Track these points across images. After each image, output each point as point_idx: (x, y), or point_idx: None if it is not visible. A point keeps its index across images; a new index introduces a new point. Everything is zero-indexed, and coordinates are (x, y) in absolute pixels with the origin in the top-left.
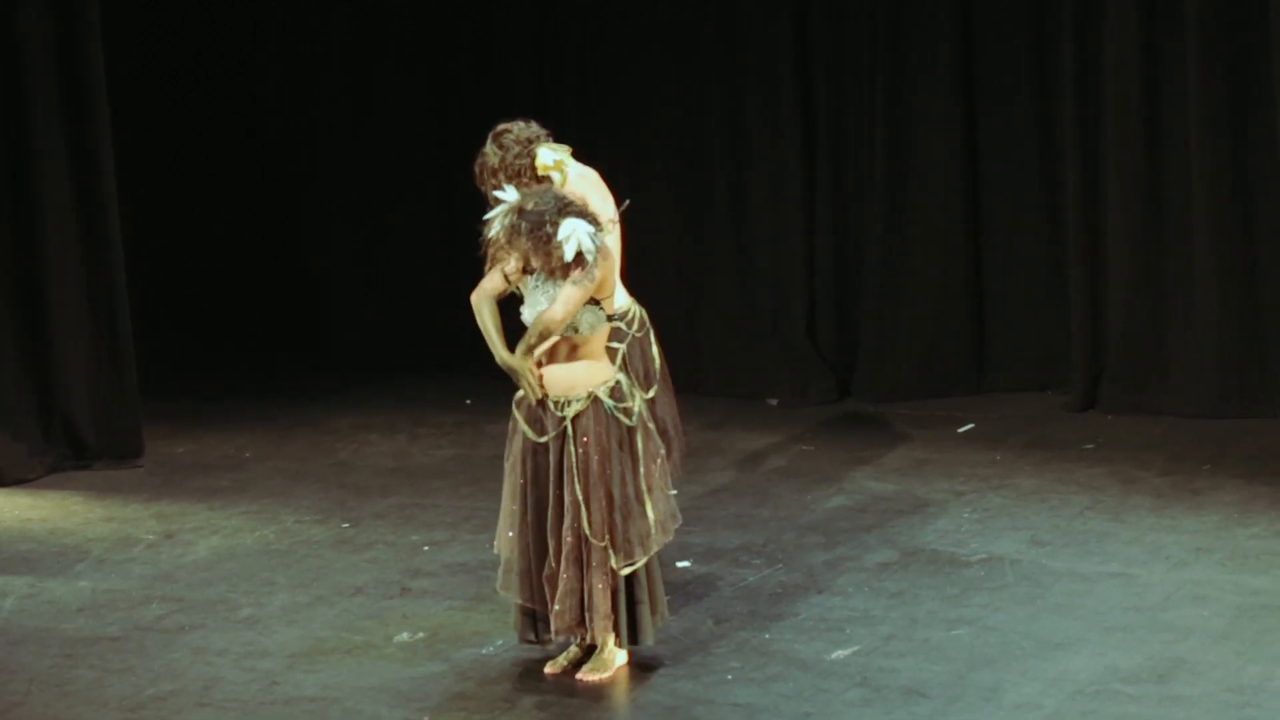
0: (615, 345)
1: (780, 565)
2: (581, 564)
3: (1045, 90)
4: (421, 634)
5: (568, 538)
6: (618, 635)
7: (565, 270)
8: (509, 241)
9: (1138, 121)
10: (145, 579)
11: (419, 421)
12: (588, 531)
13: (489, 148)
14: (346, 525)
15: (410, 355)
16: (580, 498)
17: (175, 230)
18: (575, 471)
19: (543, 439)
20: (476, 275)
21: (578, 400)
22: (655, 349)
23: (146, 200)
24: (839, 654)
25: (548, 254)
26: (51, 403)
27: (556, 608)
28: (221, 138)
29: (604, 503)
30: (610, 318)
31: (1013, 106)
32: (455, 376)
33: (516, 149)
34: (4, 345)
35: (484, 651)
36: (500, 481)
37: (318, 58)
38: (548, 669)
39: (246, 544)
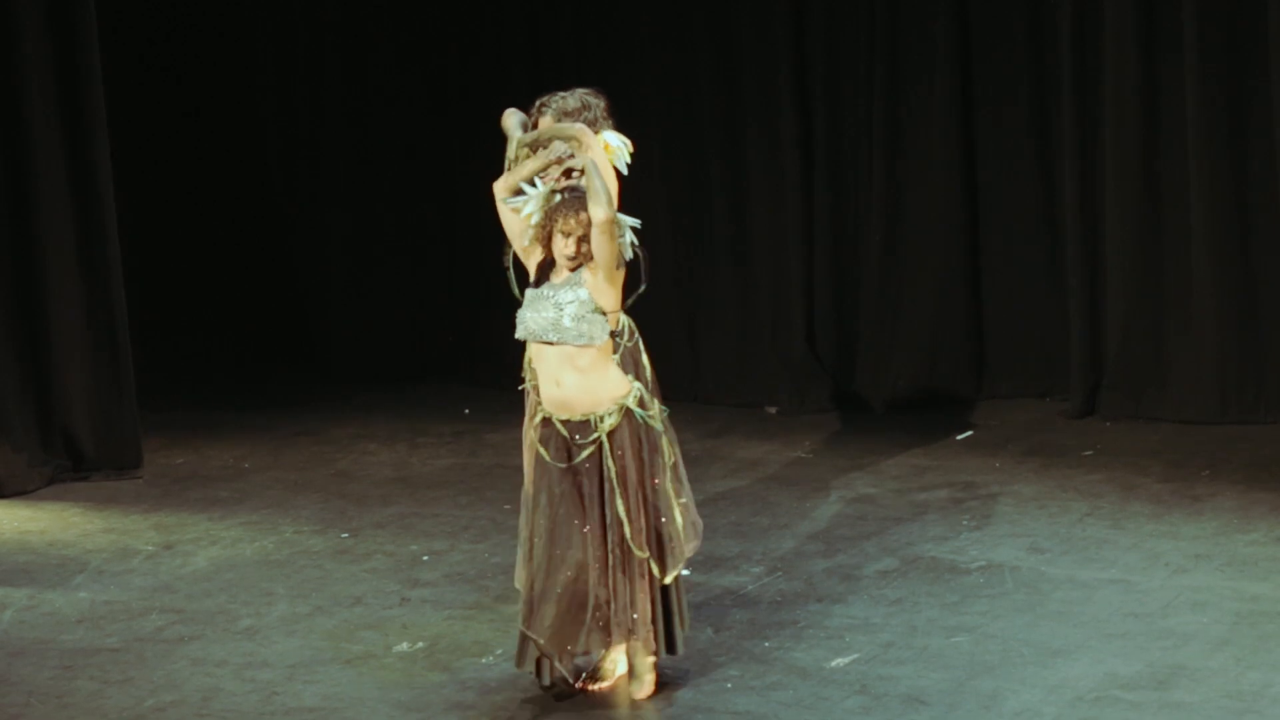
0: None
1: (779, 573)
2: (630, 577)
3: (1043, 100)
4: (421, 644)
5: (615, 553)
6: (656, 646)
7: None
8: (554, 215)
9: (1135, 130)
10: (144, 590)
11: (418, 431)
12: (632, 545)
13: (572, 94)
14: (346, 535)
15: (409, 364)
16: (622, 512)
17: (173, 240)
18: (615, 486)
19: (576, 462)
20: (475, 285)
21: (609, 414)
22: (645, 357)
23: (144, 210)
24: (838, 662)
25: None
26: (50, 414)
27: (616, 624)
28: (219, 148)
29: (645, 514)
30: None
31: (1010, 116)
32: (454, 386)
33: (597, 113)
34: (3, 357)
35: (484, 661)
36: (497, 491)
37: (315, 68)
38: (593, 686)
39: (246, 554)
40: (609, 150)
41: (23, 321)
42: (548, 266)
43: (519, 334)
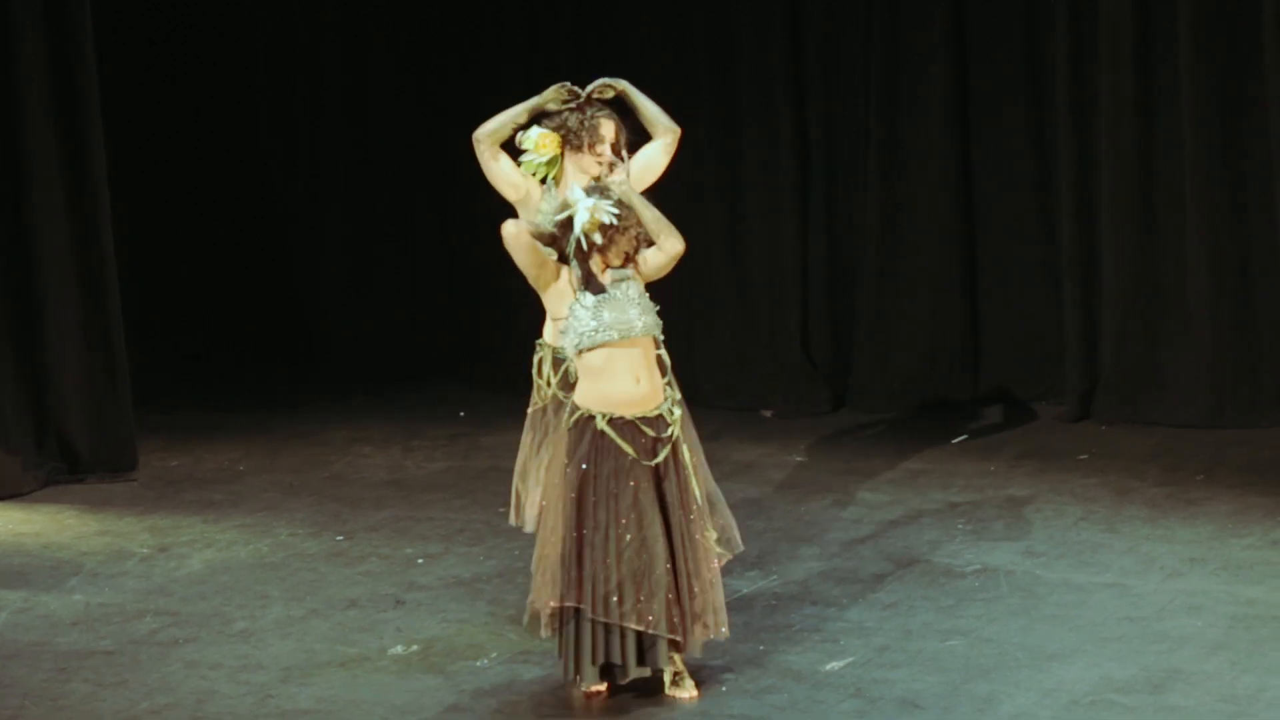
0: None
1: (774, 576)
2: (709, 563)
3: (1039, 105)
4: (416, 647)
5: (699, 540)
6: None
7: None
8: (621, 222)
9: (1131, 133)
10: (139, 593)
11: (413, 434)
12: (709, 528)
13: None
14: (340, 538)
15: (404, 367)
16: (702, 498)
17: (169, 242)
18: (691, 474)
19: (661, 457)
20: (474, 287)
21: (676, 406)
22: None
23: (140, 212)
24: (834, 665)
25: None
26: (45, 416)
27: (693, 622)
28: (215, 149)
29: (707, 497)
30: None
31: (1006, 119)
32: (449, 389)
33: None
34: None
35: (478, 664)
36: (492, 495)
37: (313, 69)
38: (688, 695)
39: (240, 557)
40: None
41: (17, 323)
42: (589, 273)
43: (599, 339)
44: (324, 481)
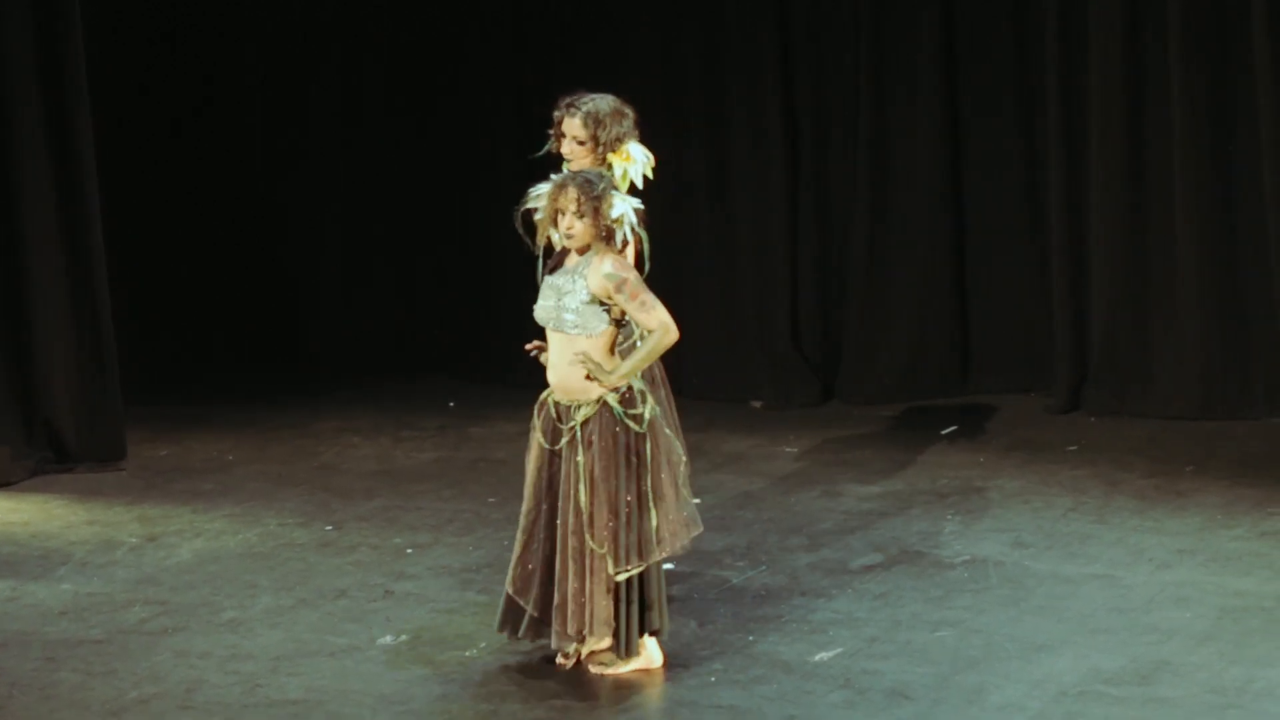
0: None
1: (763, 567)
2: (585, 570)
3: (1029, 98)
4: (405, 636)
5: (572, 542)
6: (615, 646)
7: (608, 234)
8: (553, 195)
9: (1120, 126)
10: (128, 582)
11: (402, 424)
12: (589, 538)
13: (604, 99)
14: (330, 528)
15: (393, 358)
16: (585, 504)
17: (158, 233)
18: (582, 477)
19: (556, 447)
20: (462, 278)
21: (587, 406)
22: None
23: (129, 204)
24: (822, 656)
25: (596, 211)
26: (34, 406)
27: (559, 617)
28: (205, 141)
29: (605, 509)
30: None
31: (996, 114)
32: (438, 379)
33: (627, 125)
34: None
35: (467, 654)
36: (481, 485)
37: (305, 65)
38: (560, 660)
39: (229, 547)
40: (629, 160)
41: (6, 314)
42: (562, 255)
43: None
44: (313, 471)
